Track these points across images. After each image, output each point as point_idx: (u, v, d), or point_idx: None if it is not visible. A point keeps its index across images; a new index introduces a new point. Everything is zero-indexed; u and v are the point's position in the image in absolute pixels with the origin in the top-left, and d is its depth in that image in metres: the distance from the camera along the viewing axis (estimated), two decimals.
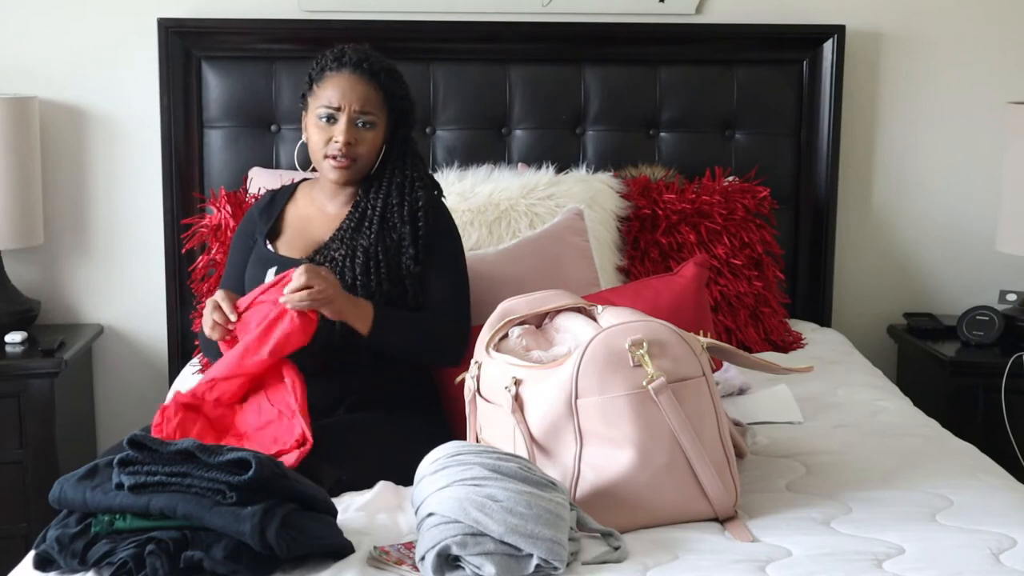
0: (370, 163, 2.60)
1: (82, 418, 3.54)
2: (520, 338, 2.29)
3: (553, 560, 1.87)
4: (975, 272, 3.70)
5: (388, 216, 2.57)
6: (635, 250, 3.30)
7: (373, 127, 2.57)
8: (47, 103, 3.52)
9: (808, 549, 2.00)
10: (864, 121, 3.66)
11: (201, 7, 3.49)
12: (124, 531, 1.91)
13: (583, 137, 3.56)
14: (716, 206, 3.33)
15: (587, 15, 3.58)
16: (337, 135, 2.55)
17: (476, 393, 2.28)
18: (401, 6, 3.53)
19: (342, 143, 2.55)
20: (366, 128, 2.57)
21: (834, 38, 3.52)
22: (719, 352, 2.25)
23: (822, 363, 3.07)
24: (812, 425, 2.70)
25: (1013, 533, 2.07)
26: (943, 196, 3.70)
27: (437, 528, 1.88)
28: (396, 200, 2.58)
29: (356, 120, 2.56)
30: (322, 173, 2.63)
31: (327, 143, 2.57)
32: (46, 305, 3.55)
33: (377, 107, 2.58)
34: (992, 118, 3.60)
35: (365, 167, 2.60)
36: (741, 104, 3.56)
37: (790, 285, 3.56)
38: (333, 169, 2.57)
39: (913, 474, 2.36)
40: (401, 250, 2.55)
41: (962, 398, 3.33)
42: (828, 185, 3.57)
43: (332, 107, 2.56)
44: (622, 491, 2.05)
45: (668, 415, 2.05)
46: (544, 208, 3.21)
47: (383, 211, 2.57)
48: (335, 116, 2.56)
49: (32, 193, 3.40)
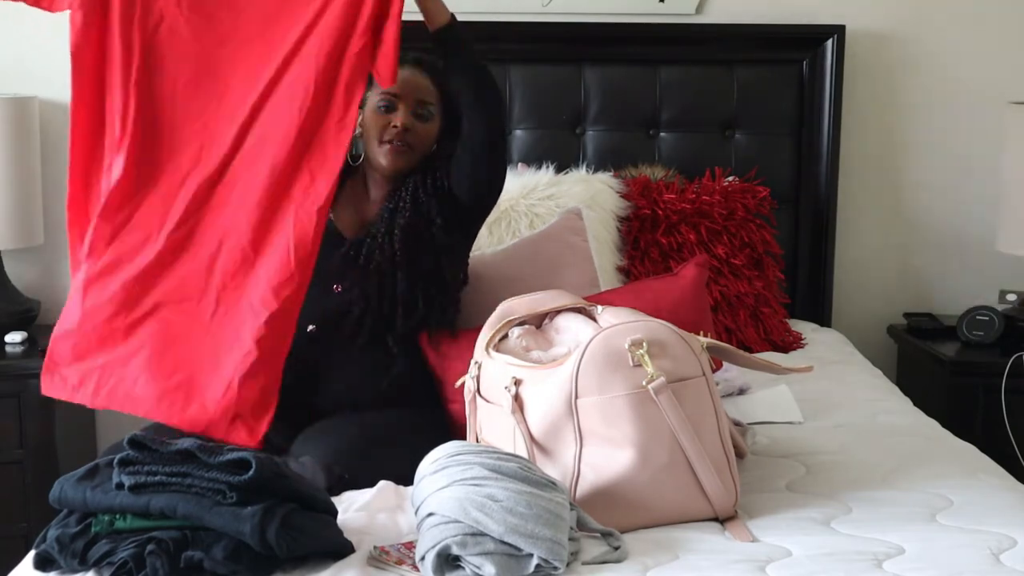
0: (421, 156, 2.66)
1: (82, 418, 3.53)
2: (520, 338, 2.29)
3: (553, 560, 1.87)
4: (975, 272, 3.70)
5: (417, 196, 2.62)
6: (635, 250, 3.30)
7: (430, 119, 2.66)
8: (47, 103, 3.51)
9: (808, 549, 2.00)
10: (864, 121, 3.66)
11: None
12: (124, 531, 1.91)
13: (583, 137, 3.56)
14: (716, 206, 3.33)
15: (587, 15, 3.58)
16: (396, 120, 2.62)
17: (476, 393, 2.28)
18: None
19: (400, 127, 2.61)
20: (422, 120, 2.64)
21: (834, 38, 3.51)
22: (719, 352, 2.25)
23: (822, 363, 3.07)
24: (812, 425, 2.70)
25: (1013, 533, 2.07)
26: (943, 196, 3.70)
27: (437, 528, 1.88)
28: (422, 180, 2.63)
29: (414, 109, 2.63)
30: (374, 160, 2.67)
31: (385, 129, 2.62)
32: (46, 305, 3.54)
33: (435, 101, 2.66)
34: (992, 118, 3.60)
35: (417, 159, 2.66)
36: (741, 104, 3.56)
37: (790, 285, 3.56)
38: (388, 154, 2.63)
39: (913, 474, 2.36)
40: (432, 224, 2.60)
41: (962, 398, 3.33)
42: (828, 185, 3.57)
43: (392, 95, 2.62)
44: (622, 491, 2.05)
45: (668, 415, 2.05)
46: (544, 208, 3.21)
47: (414, 192, 2.62)
48: (394, 104, 2.63)
49: (32, 193, 3.40)
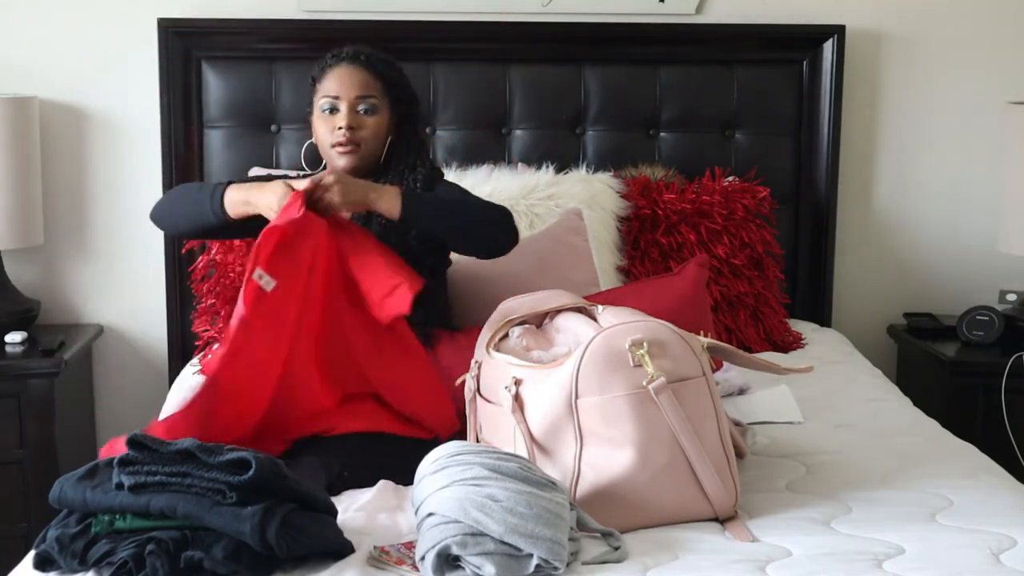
0: (375, 150, 2.66)
1: (82, 418, 3.54)
2: (520, 338, 2.29)
3: (553, 560, 1.87)
4: (975, 272, 3.70)
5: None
6: (635, 250, 3.30)
7: (375, 112, 2.65)
8: (47, 103, 3.51)
9: (808, 549, 2.00)
10: (864, 121, 3.66)
11: (201, 7, 3.49)
12: (124, 531, 1.91)
13: (583, 137, 3.56)
14: (716, 206, 3.33)
15: (587, 15, 3.57)
16: (339, 121, 2.63)
17: (476, 393, 2.28)
18: (401, 6, 3.53)
19: (344, 127, 2.62)
20: (367, 114, 2.65)
21: (834, 38, 3.51)
22: (719, 352, 2.25)
23: (822, 363, 3.07)
24: (812, 425, 2.70)
25: (1013, 533, 2.07)
26: (943, 196, 3.70)
27: (437, 528, 1.88)
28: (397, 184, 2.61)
29: (356, 106, 2.65)
30: (331, 165, 2.67)
31: (332, 132, 2.64)
32: (46, 305, 3.55)
33: (377, 93, 2.66)
34: (992, 118, 3.60)
35: (370, 154, 2.65)
36: (741, 104, 3.56)
37: (790, 285, 3.56)
38: (340, 156, 2.64)
39: (913, 474, 2.36)
40: (406, 234, 2.59)
41: (962, 398, 3.33)
42: (828, 185, 3.57)
43: (332, 96, 2.65)
44: (622, 491, 2.05)
45: (668, 415, 2.05)
46: (544, 208, 3.21)
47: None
48: (336, 105, 2.65)
49: (32, 193, 3.40)
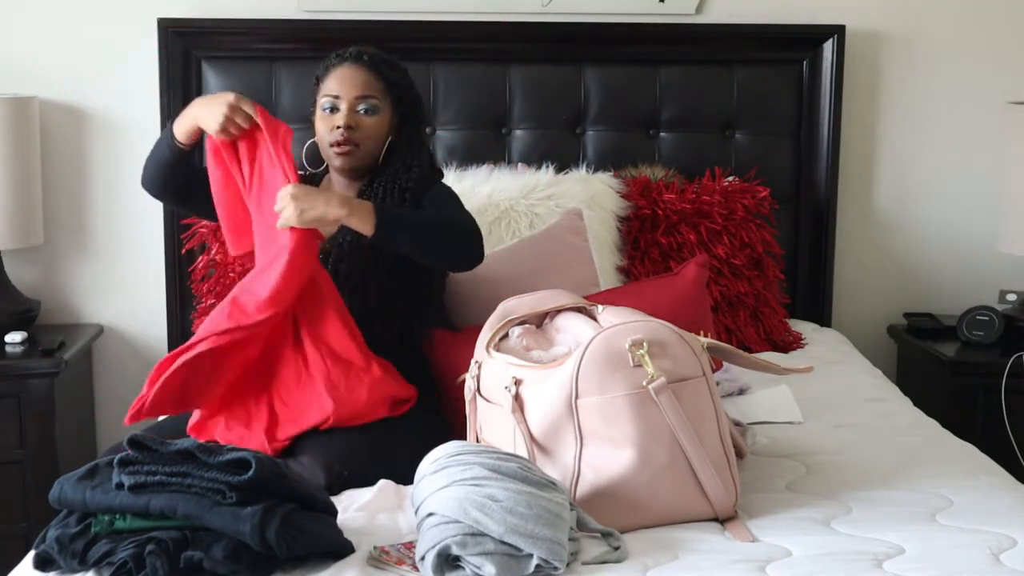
0: (374, 151, 2.65)
1: (82, 418, 3.54)
2: (520, 338, 2.29)
3: (553, 560, 1.87)
4: (975, 272, 3.70)
5: (387, 201, 2.60)
6: (635, 250, 3.30)
7: (375, 112, 2.64)
8: (47, 103, 3.51)
9: (808, 549, 2.00)
10: (864, 121, 3.66)
11: (201, 7, 3.49)
12: (124, 531, 1.91)
13: (583, 137, 3.56)
14: (716, 206, 3.33)
15: (587, 15, 3.57)
16: (338, 120, 2.62)
17: (476, 393, 2.28)
18: (401, 6, 3.53)
19: (343, 126, 2.61)
20: (367, 114, 2.63)
21: (834, 38, 3.51)
22: (719, 352, 2.25)
23: (822, 363, 3.07)
24: (812, 425, 2.70)
25: (1013, 533, 2.07)
26: (943, 196, 3.70)
27: (437, 528, 1.88)
28: (391, 185, 2.62)
29: (356, 106, 2.63)
30: (330, 164, 2.68)
31: (331, 131, 2.63)
32: (46, 305, 3.54)
33: (379, 93, 2.64)
34: (992, 118, 3.60)
35: (368, 154, 2.65)
36: (741, 104, 3.56)
37: (790, 285, 3.56)
38: (337, 156, 2.63)
39: (913, 474, 2.36)
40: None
41: (962, 398, 3.33)
42: (828, 185, 3.57)
43: (333, 95, 2.63)
44: (622, 491, 2.05)
45: (668, 415, 2.05)
46: (544, 208, 3.21)
47: (383, 198, 2.61)
48: (337, 105, 2.63)
49: (32, 193, 3.40)
